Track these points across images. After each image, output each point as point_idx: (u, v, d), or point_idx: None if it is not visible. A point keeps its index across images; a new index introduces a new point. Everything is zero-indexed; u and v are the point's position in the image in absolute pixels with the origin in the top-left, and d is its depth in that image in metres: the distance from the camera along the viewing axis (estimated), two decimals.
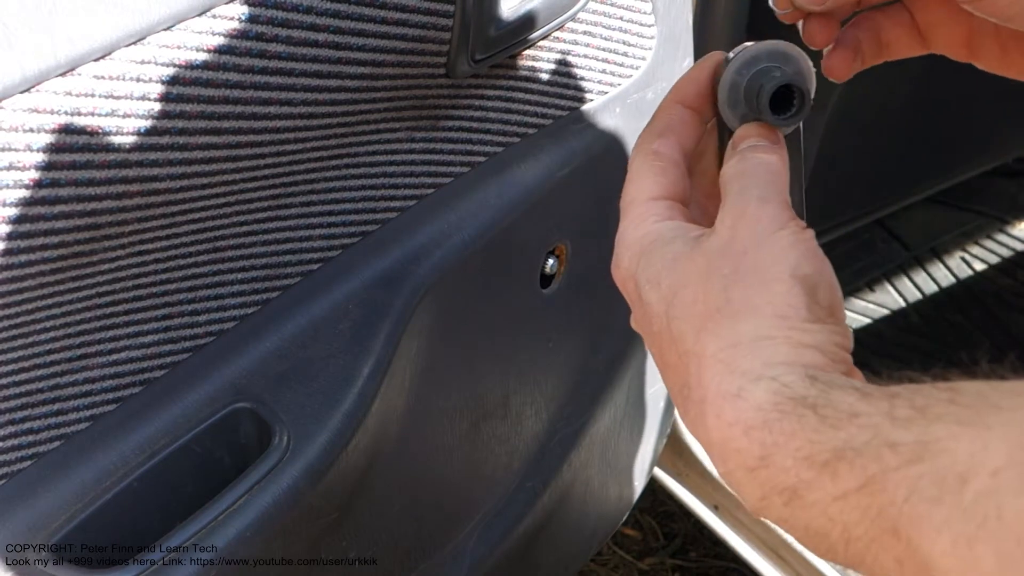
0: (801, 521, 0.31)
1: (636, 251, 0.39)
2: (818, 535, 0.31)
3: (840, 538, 0.30)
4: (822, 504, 0.30)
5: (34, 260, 0.51)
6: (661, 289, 0.36)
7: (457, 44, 0.64)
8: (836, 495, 0.30)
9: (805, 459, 0.30)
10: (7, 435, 0.55)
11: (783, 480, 0.31)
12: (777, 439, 0.31)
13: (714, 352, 0.33)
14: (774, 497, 0.31)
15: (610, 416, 0.99)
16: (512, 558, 0.91)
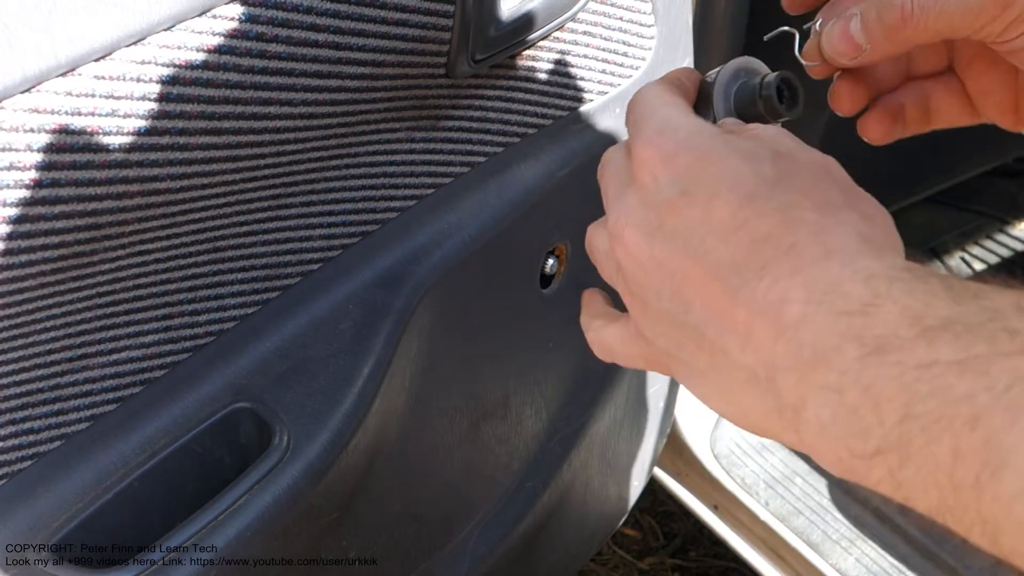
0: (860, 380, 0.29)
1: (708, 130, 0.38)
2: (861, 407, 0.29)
3: (892, 413, 0.28)
4: (901, 367, 0.28)
5: (34, 260, 0.51)
6: (763, 166, 0.35)
7: (457, 44, 0.64)
8: (923, 362, 0.28)
9: (911, 318, 0.29)
10: (7, 435, 0.55)
11: (875, 330, 0.30)
12: (893, 293, 0.30)
13: (849, 229, 0.33)
14: (851, 345, 0.30)
15: (610, 416, 0.99)
16: (512, 558, 0.91)
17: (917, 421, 0.28)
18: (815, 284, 0.32)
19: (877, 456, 0.29)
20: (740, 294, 0.33)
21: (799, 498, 1.15)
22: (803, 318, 0.31)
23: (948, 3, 0.39)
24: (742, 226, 0.34)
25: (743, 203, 0.35)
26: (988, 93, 0.45)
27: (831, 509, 1.13)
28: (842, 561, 1.09)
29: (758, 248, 0.34)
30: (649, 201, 0.37)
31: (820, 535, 1.11)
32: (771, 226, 0.34)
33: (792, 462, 1.18)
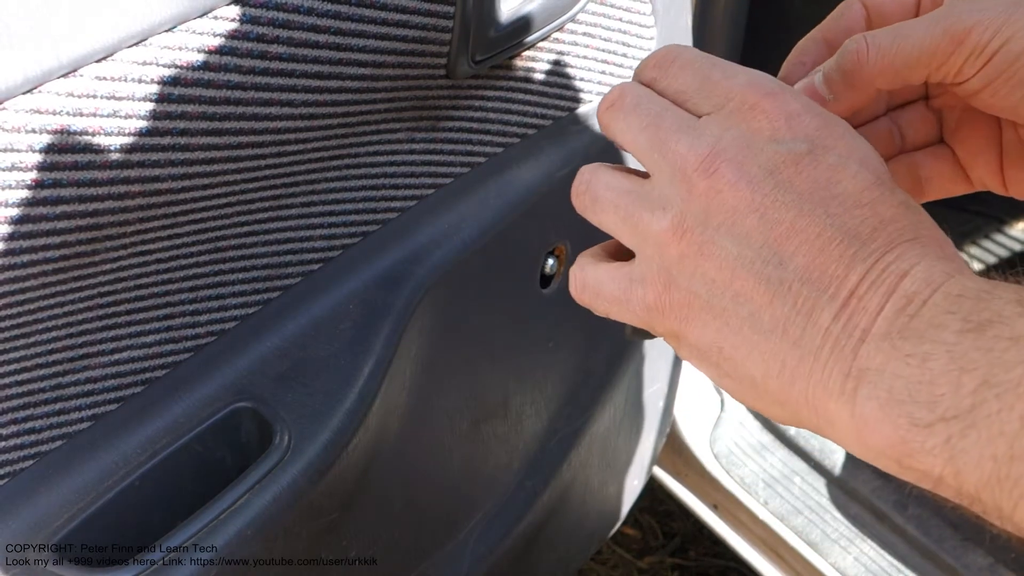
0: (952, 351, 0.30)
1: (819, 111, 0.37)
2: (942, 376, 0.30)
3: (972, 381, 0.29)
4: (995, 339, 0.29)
5: (36, 260, 0.51)
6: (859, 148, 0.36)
7: (457, 45, 0.64)
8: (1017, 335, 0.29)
9: (1018, 303, 0.30)
10: (9, 434, 0.55)
11: (983, 313, 0.30)
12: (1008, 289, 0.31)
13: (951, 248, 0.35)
14: (954, 322, 0.31)
15: (609, 416, 0.99)
16: (512, 557, 0.91)
17: (994, 389, 0.29)
18: (937, 270, 0.33)
19: (939, 424, 0.30)
20: (858, 263, 0.34)
21: (798, 497, 1.15)
22: (917, 293, 0.32)
23: (904, 43, 0.39)
24: (869, 204, 0.35)
25: (873, 183, 0.35)
26: (976, 156, 0.46)
27: (830, 508, 1.13)
28: (841, 560, 1.09)
29: (885, 228, 0.34)
30: (762, 146, 0.36)
31: (819, 534, 1.11)
32: (897, 215, 0.34)
33: (791, 461, 1.18)
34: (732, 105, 0.37)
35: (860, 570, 1.08)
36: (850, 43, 0.41)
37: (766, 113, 0.37)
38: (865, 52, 0.40)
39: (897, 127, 0.47)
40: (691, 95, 0.39)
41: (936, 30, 0.39)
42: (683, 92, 0.39)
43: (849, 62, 0.40)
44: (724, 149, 0.36)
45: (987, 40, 0.38)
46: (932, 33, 0.39)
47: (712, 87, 0.38)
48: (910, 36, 0.39)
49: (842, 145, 0.36)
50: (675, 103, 0.39)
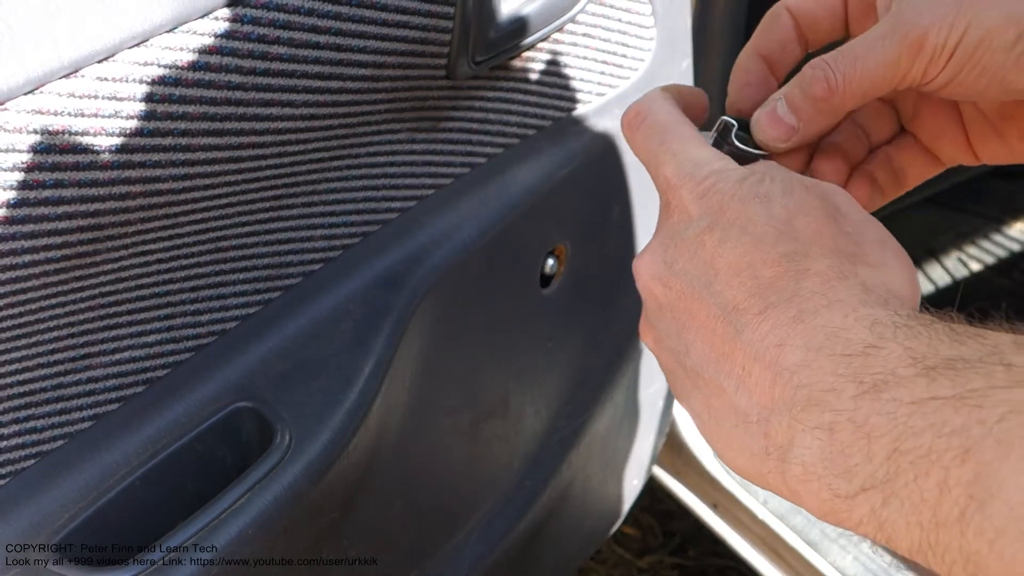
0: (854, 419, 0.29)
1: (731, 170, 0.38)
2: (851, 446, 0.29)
3: (883, 449, 0.28)
4: (896, 403, 0.29)
5: (38, 260, 0.51)
6: (774, 207, 0.36)
7: (457, 46, 0.64)
8: (918, 399, 0.28)
9: (912, 359, 0.29)
10: (11, 434, 0.55)
11: (874, 370, 0.30)
12: (897, 335, 0.30)
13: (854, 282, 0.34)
14: (848, 385, 0.30)
15: (609, 415, 0.99)
16: (512, 556, 0.91)
17: (906, 456, 0.28)
18: (816, 332, 0.32)
19: (860, 495, 0.29)
20: (740, 337, 0.34)
21: None
22: (802, 362, 0.32)
23: (867, 64, 0.40)
24: (747, 269, 0.35)
25: (751, 247, 0.35)
26: (940, 136, 0.46)
27: None
28: (840, 559, 1.10)
29: (761, 293, 0.34)
30: (669, 239, 0.38)
31: (818, 533, 1.11)
32: (776, 273, 0.34)
33: None
34: (663, 200, 0.40)
35: (859, 569, 1.08)
36: (814, 72, 0.41)
37: (680, 202, 0.39)
38: (834, 81, 0.40)
39: (860, 128, 0.47)
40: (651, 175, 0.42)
41: (893, 43, 0.39)
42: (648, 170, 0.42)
43: (819, 90, 0.41)
44: (645, 253, 0.39)
45: (944, 39, 0.38)
46: (890, 48, 0.39)
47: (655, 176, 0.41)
48: (870, 56, 0.40)
49: (728, 216, 0.36)
50: None
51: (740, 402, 0.34)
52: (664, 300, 0.38)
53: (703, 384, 0.36)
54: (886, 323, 0.31)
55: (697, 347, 0.36)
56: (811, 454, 0.31)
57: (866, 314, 0.32)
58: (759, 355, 0.33)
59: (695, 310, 0.36)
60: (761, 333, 0.33)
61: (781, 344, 0.33)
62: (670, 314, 0.37)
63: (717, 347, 0.35)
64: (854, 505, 0.30)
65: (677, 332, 0.37)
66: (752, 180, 0.37)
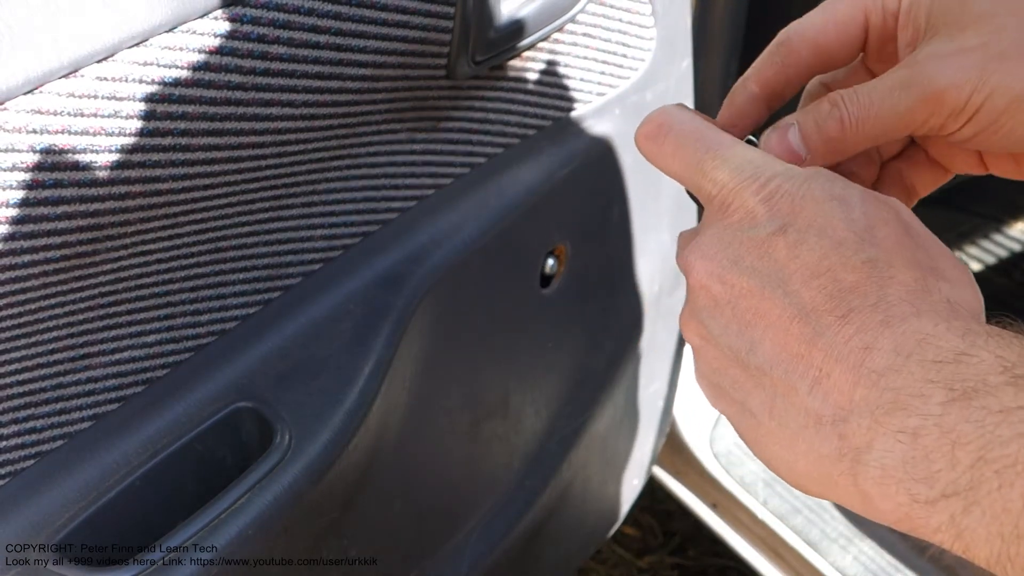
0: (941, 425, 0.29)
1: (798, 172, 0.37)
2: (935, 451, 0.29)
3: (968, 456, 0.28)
4: (984, 411, 0.28)
5: (37, 260, 0.51)
6: (853, 212, 0.35)
7: (457, 46, 0.64)
8: (1007, 407, 0.28)
9: (1003, 366, 0.29)
10: (10, 434, 0.55)
11: (966, 376, 0.30)
12: (989, 344, 0.30)
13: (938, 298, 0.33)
14: (937, 391, 0.30)
15: (609, 415, 0.99)
16: (512, 556, 0.91)
17: (991, 465, 0.28)
18: (907, 337, 0.32)
19: (941, 501, 0.29)
20: (819, 338, 0.33)
21: (797, 496, 1.15)
22: (890, 366, 0.31)
23: (881, 111, 0.40)
24: (827, 272, 0.34)
25: (830, 250, 0.34)
26: (951, 155, 0.46)
27: (829, 507, 1.13)
28: (840, 559, 1.10)
29: (843, 296, 0.34)
30: (732, 236, 0.37)
31: (819, 533, 1.11)
32: (859, 278, 0.34)
33: None
34: (716, 202, 0.39)
35: (859, 569, 1.08)
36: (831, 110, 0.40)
37: (743, 203, 0.38)
38: (848, 123, 0.40)
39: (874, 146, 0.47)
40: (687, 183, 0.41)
41: (909, 96, 0.39)
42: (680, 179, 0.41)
43: (832, 128, 0.41)
44: (701, 248, 0.38)
45: (964, 100, 0.38)
46: (905, 100, 0.39)
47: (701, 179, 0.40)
48: (885, 104, 0.40)
49: (805, 216, 0.36)
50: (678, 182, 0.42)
51: (813, 403, 0.33)
52: (724, 297, 0.36)
53: (769, 383, 0.35)
54: (978, 332, 0.31)
55: (765, 346, 0.35)
56: (892, 457, 0.30)
57: (957, 324, 0.32)
58: (841, 357, 0.33)
59: (765, 309, 0.35)
60: (845, 336, 0.33)
61: (868, 347, 0.32)
62: (730, 311, 0.36)
63: (790, 347, 0.34)
64: (933, 512, 0.29)
65: (739, 330, 0.36)
66: (822, 181, 0.36)
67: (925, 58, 0.39)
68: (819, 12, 0.44)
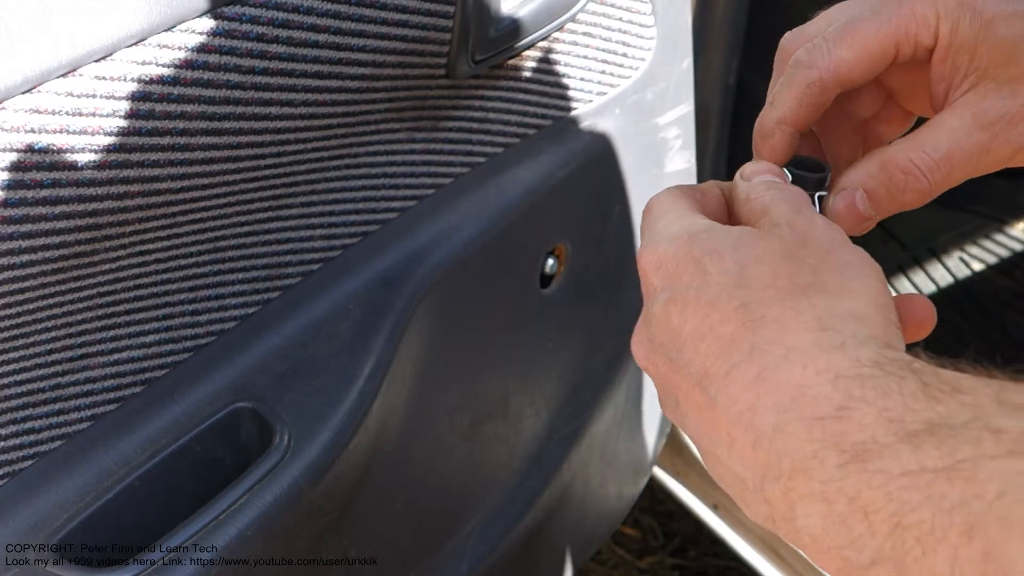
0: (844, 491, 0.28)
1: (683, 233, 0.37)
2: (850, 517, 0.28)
3: (884, 523, 0.27)
4: (885, 475, 0.27)
5: (35, 260, 0.51)
6: (725, 262, 0.35)
7: (457, 45, 0.64)
8: (909, 470, 0.27)
9: (890, 422, 0.28)
10: (9, 434, 0.55)
11: (854, 436, 0.28)
12: (867, 394, 0.29)
13: (809, 317, 0.32)
14: (829, 453, 0.29)
15: (609, 416, 0.99)
16: (512, 557, 0.91)
17: (910, 531, 0.27)
18: (782, 390, 0.31)
19: (873, 567, 0.28)
20: (717, 403, 0.33)
21: None
22: (776, 427, 0.31)
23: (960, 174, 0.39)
24: (709, 332, 0.34)
25: (707, 308, 0.34)
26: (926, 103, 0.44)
27: None
28: None
29: (725, 353, 0.33)
30: (646, 315, 0.37)
31: None
32: (734, 328, 0.33)
33: None
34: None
35: None
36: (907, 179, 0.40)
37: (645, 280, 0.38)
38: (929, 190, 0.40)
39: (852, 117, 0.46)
40: None
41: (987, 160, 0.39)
42: None
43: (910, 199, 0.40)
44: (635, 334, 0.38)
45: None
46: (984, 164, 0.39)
47: None
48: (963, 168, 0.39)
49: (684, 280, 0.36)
50: None
51: (736, 468, 0.33)
52: (656, 377, 0.37)
53: (703, 451, 0.35)
54: (851, 376, 0.30)
55: (690, 418, 0.35)
56: (815, 524, 0.30)
57: (825, 366, 0.31)
58: (736, 419, 0.32)
59: (678, 382, 0.35)
60: (732, 397, 0.32)
61: (751, 407, 0.31)
62: (662, 390, 0.37)
63: (704, 416, 0.34)
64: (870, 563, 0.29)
65: (674, 406, 0.36)
66: (704, 237, 0.36)
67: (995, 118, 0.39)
68: (847, 48, 0.41)
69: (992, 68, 0.39)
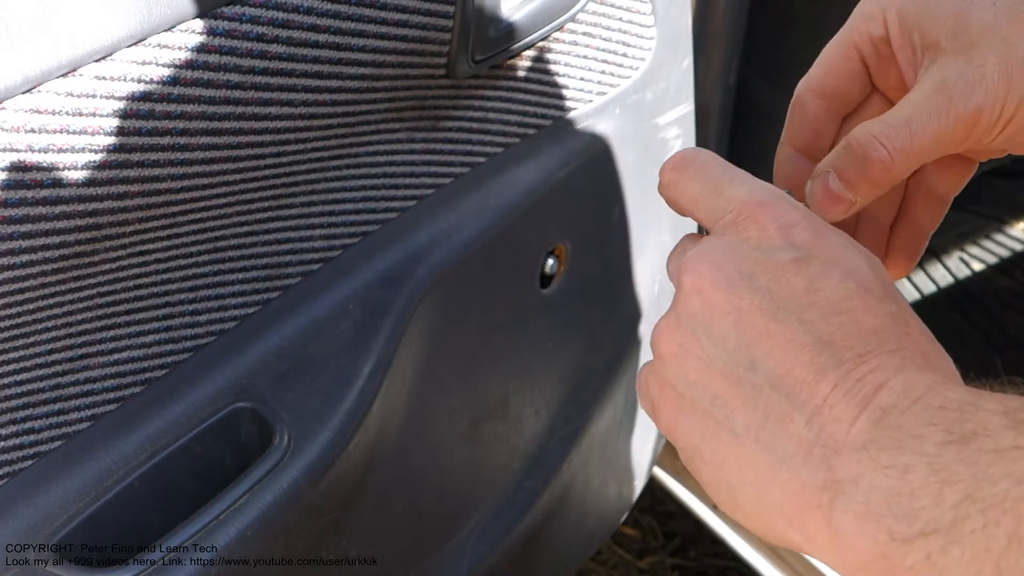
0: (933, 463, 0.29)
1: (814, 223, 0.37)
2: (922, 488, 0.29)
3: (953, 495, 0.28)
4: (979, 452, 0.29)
5: (35, 260, 0.51)
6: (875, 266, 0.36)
7: (457, 45, 0.64)
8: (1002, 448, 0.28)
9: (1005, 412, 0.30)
10: (9, 434, 0.55)
11: (966, 422, 0.30)
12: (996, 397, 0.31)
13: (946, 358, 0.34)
14: (936, 433, 0.30)
15: (609, 416, 0.99)
16: (512, 557, 0.91)
17: (978, 504, 0.28)
18: (917, 383, 0.32)
19: (919, 539, 0.29)
20: (830, 371, 0.33)
21: None
22: (895, 405, 0.31)
23: (924, 139, 0.40)
24: (848, 312, 0.34)
25: (855, 292, 0.34)
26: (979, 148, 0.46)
27: None
28: None
29: (863, 337, 0.33)
30: (746, 253, 0.36)
31: None
32: (879, 324, 0.34)
33: None
34: (729, 216, 0.38)
35: None
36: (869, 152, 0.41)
37: (757, 223, 0.37)
38: (890, 159, 0.41)
39: None
40: (700, 204, 0.40)
41: (949, 120, 0.40)
42: (695, 200, 0.41)
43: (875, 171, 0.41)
44: (708, 253, 0.37)
45: (998, 114, 0.39)
46: (946, 124, 0.40)
47: (716, 198, 0.39)
48: (927, 130, 0.40)
49: (829, 254, 0.36)
50: (688, 211, 0.41)
51: (808, 432, 0.33)
52: (726, 308, 0.35)
53: (763, 405, 0.34)
54: (984, 392, 0.31)
55: (769, 365, 0.34)
56: (878, 493, 0.30)
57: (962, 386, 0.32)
58: (850, 391, 0.32)
59: (774, 330, 0.34)
60: (860, 372, 0.33)
61: (880, 385, 0.32)
62: (732, 323, 0.35)
63: (797, 373, 0.33)
64: (909, 550, 0.29)
65: (738, 344, 0.35)
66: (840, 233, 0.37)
67: (953, 83, 0.40)
68: (816, 64, 0.45)
69: (943, 40, 0.41)
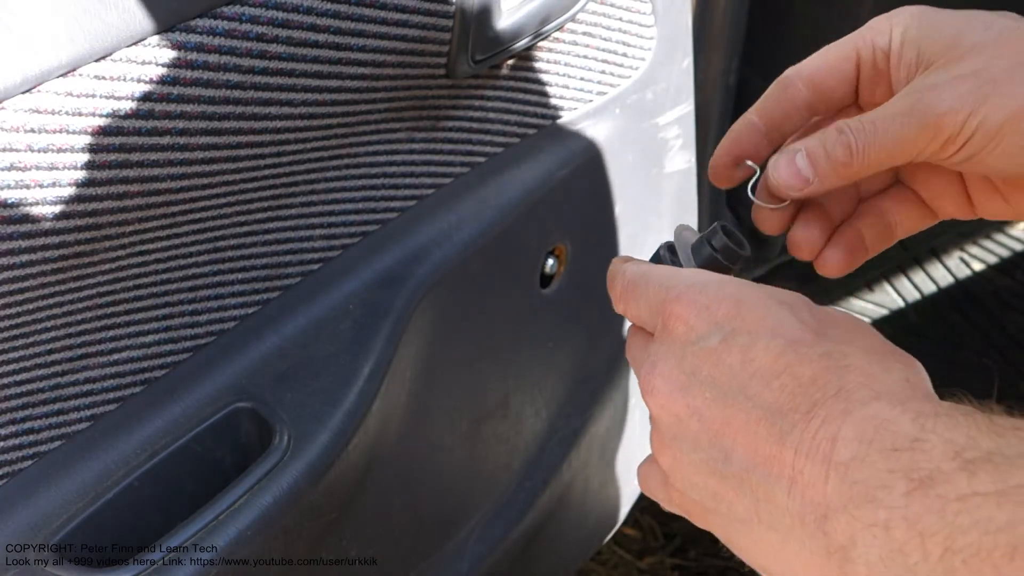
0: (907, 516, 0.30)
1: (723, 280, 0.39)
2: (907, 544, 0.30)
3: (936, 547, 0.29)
4: (942, 500, 0.29)
5: (35, 260, 0.51)
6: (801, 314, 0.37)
7: (457, 45, 0.64)
8: (962, 495, 0.29)
9: (953, 451, 0.30)
10: (8, 434, 0.55)
11: (922, 465, 0.30)
12: (938, 427, 0.31)
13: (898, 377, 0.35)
14: (899, 481, 0.30)
15: (610, 416, 0.99)
16: (512, 557, 0.91)
17: (958, 555, 0.28)
18: (866, 424, 0.32)
19: None
20: (787, 437, 0.34)
21: None
22: (854, 457, 0.32)
23: (886, 139, 0.41)
24: (785, 371, 0.35)
25: (786, 348, 0.35)
26: (940, 195, 0.47)
27: None
28: None
29: (804, 392, 0.34)
30: (682, 351, 0.38)
31: None
32: (816, 371, 0.34)
33: None
34: (659, 323, 0.40)
35: None
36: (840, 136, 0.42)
37: (679, 318, 0.38)
38: (855, 148, 0.42)
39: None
40: (643, 321, 0.42)
41: (912, 124, 0.41)
42: (641, 319, 0.43)
43: (840, 155, 0.42)
44: (656, 366, 0.39)
45: (960, 124, 0.40)
46: (908, 128, 0.41)
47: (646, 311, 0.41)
48: (889, 131, 0.41)
49: (751, 320, 0.37)
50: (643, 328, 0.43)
51: (792, 504, 0.34)
52: (687, 412, 0.37)
53: (749, 491, 0.35)
54: (928, 414, 0.32)
55: (739, 453, 0.35)
56: (873, 553, 0.31)
57: (912, 407, 0.32)
58: (811, 452, 0.33)
59: (730, 416, 0.36)
60: (812, 430, 0.33)
61: (833, 439, 0.33)
62: (697, 424, 0.37)
63: (762, 450, 0.35)
64: None
65: (710, 441, 0.36)
66: (758, 288, 0.38)
67: (923, 88, 0.41)
68: (814, 56, 0.46)
69: (935, 57, 0.42)
